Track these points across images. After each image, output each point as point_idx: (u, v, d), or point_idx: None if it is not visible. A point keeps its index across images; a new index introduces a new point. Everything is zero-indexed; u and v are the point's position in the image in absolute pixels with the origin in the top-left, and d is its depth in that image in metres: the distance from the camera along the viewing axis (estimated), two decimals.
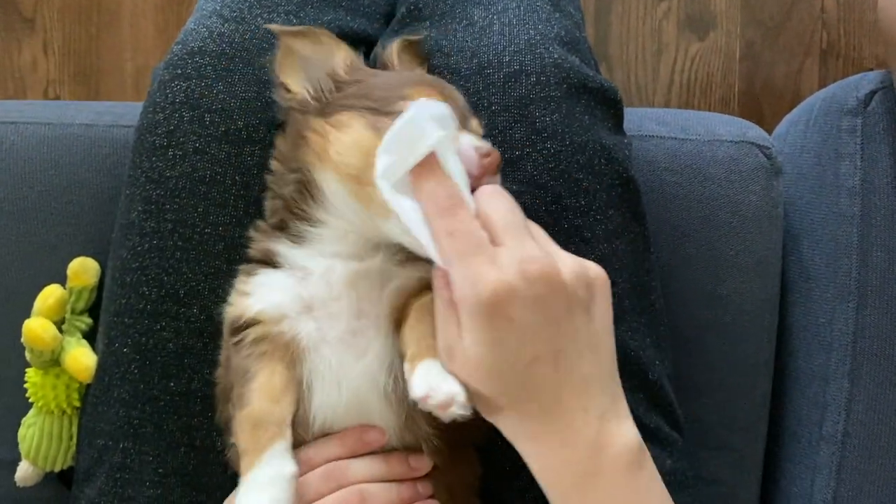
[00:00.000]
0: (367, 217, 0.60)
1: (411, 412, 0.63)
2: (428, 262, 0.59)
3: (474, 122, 0.64)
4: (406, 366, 0.58)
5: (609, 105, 0.75)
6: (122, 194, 0.76)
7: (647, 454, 0.58)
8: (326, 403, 0.63)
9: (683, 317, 0.86)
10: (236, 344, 0.63)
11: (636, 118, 0.88)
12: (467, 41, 0.74)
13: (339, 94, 0.63)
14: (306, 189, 0.63)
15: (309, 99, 0.64)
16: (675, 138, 0.86)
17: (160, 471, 0.72)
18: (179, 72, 0.72)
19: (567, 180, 0.71)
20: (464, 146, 0.58)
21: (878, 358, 0.83)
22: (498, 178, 0.60)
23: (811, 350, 0.88)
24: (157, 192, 0.72)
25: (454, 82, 0.72)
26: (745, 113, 1.39)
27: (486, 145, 0.59)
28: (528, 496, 0.71)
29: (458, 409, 0.55)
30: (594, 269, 0.57)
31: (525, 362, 0.54)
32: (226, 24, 0.73)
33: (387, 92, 0.61)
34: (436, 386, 0.55)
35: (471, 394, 0.56)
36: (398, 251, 0.62)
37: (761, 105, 1.39)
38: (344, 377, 0.62)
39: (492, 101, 0.71)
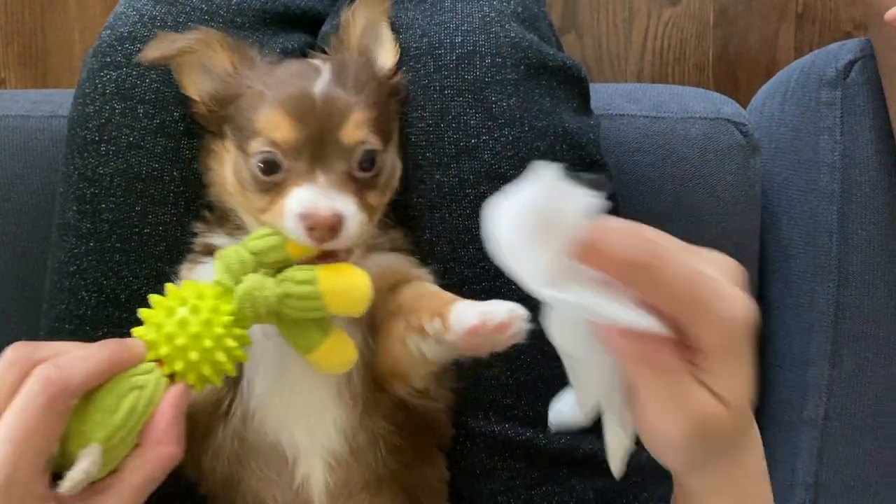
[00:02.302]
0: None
1: (367, 408, 0.61)
2: (387, 249, 0.61)
3: (347, 127, 0.58)
4: (430, 323, 0.55)
5: (573, 84, 0.72)
6: (58, 192, 0.72)
7: None
8: (266, 397, 0.60)
9: None
10: None
11: (606, 95, 0.84)
12: (417, 18, 0.69)
13: (224, 110, 0.61)
14: None
15: (204, 110, 0.62)
16: (647, 116, 0.82)
17: None
18: (109, 60, 0.68)
19: (527, 169, 0.67)
20: (289, 216, 0.55)
21: (858, 339, 0.82)
22: (341, 239, 0.56)
23: (791, 332, 0.86)
24: (92, 190, 0.68)
25: (404, 63, 0.68)
26: (719, 80, 1.35)
27: (311, 209, 0.55)
28: (501, 499, 0.70)
29: (520, 324, 0.52)
30: None
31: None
32: (157, 7, 0.69)
33: (247, 118, 0.59)
34: (489, 308, 0.52)
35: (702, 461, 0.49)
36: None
37: (736, 72, 1.35)
38: (286, 371, 0.60)
39: (444, 84, 0.67)
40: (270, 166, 0.57)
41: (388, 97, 0.64)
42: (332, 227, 0.55)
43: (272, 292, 0.54)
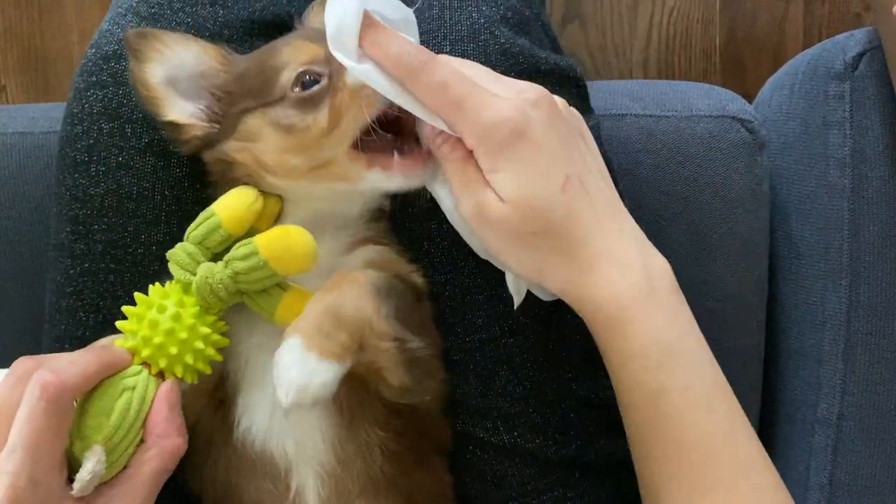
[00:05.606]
0: (336, 193, 0.60)
1: (356, 419, 0.60)
2: (374, 243, 0.62)
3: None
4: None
5: (568, 84, 0.70)
6: (52, 212, 0.71)
7: None
8: (255, 409, 0.60)
9: None
10: None
11: (608, 93, 0.82)
12: None
13: (229, 102, 0.61)
14: None
15: (206, 127, 0.61)
16: (651, 115, 0.80)
17: None
18: (95, 79, 0.67)
19: None
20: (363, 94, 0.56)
21: (872, 336, 0.80)
22: None
23: (803, 330, 0.84)
24: (84, 211, 0.67)
25: None
26: (727, 66, 1.32)
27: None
28: None
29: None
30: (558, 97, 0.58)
31: (559, 184, 0.54)
32: (143, 24, 0.67)
33: (262, 73, 0.60)
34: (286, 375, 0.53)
35: (515, 253, 0.57)
36: (343, 237, 0.61)
37: (744, 57, 1.32)
38: (270, 382, 0.58)
39: None
40: (309, 83, 0.58)
41: None
42: None
43: (223, 275, 0.56)
